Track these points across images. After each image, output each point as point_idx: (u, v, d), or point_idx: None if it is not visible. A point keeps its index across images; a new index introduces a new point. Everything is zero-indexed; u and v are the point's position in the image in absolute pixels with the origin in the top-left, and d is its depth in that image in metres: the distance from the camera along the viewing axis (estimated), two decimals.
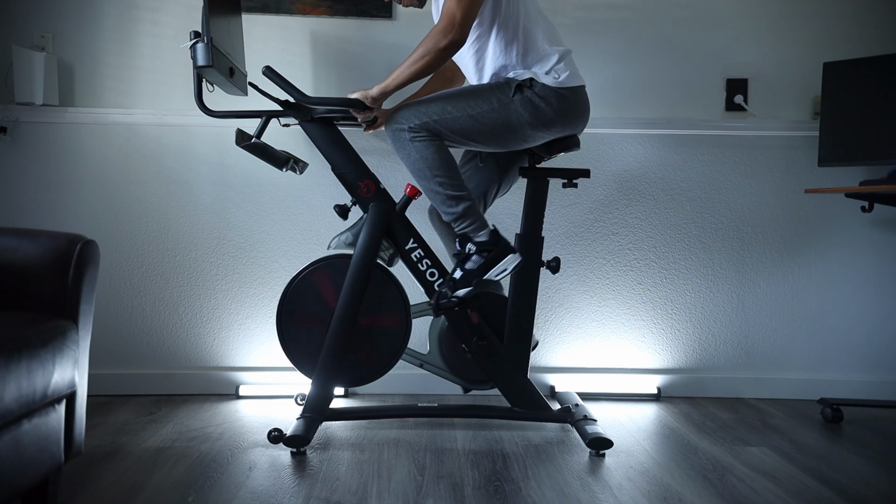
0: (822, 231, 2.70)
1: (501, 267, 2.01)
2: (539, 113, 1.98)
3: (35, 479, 1.43)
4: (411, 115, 1.98)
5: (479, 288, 2.02)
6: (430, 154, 1.98)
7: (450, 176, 1.99)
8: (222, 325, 2.62)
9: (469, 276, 2.02)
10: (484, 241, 2.01)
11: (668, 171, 2.68)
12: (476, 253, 2.01)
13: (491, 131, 2.00)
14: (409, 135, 1.97)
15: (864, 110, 2.38)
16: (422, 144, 1.97)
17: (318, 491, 1.74)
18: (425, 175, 1.99)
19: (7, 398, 1.29)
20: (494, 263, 2.01)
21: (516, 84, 1.97)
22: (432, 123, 1.97)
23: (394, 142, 2.02)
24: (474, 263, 2.02)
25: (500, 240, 2.03)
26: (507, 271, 2.02)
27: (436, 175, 1.98)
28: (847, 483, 1.85)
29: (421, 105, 2.00)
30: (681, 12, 2.66)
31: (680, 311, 2.70)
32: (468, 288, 2.01)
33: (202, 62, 1.91)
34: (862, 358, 2.71)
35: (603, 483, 1.83)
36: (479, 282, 2.01)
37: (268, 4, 2.54)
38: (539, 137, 2.05)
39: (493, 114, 1.97)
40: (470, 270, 2.02)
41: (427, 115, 1.97)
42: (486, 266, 2.01)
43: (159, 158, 2.56)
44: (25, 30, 2.50)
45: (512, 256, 2.02)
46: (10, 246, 1.59)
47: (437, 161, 1.98)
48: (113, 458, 1.93)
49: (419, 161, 1.98)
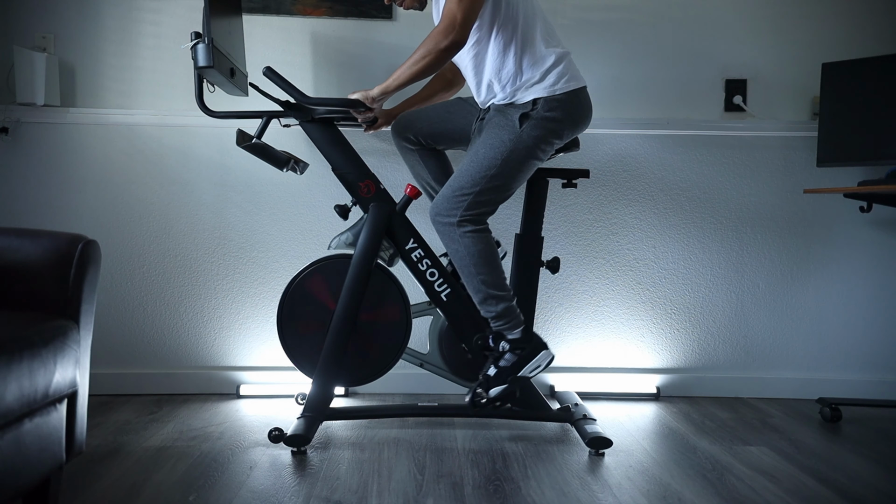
0: (820, 231, 2.71)
1: (535, 364, 2.03)
2: (549, 126, 1.99)
3: (36, 478, 1.43)
4: (451, 206, 1.98)
5: (514, 385, 2.03)
6: (478, 250, 1.98)
7: (493, 274, 2.00)
8: (223, 325, 2.62)
9: (503, 374, 2.03)
10: (517, 339, 2.03)
11: (667, 172, 2.68)
12: (510, 351, 2.03)
13: (519, 170, 2.00)
14: (459, 231, 1.98)
15: (863, 111, 2.39)
16: (469, 240, 1.98)
17: (318, 490, 1.74)
18: (470, 273, 2.00)
19: (8, 398, 1.29)
20: (528, 360, 2.03)
21: (519, 115, 1.98)
22: (473, 204, 1.97)
23: (442, 236, 2.02)
24: (507, 361, 2.03)
25: (533, 337, 2.05)
26: (541, 368, 2.04)
27: (480, 273, 1.99)
28: (846, 482, 1.86)
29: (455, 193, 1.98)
30: (680, 13, 2.66)
31: (679, 310, 2.71)
32: (503, 385, 2.03)
33: (203, 63, 1.92)
34: (860, 358, 2.72)
35: (602, 482, 1.83)
36: (514, 379, 2.03)
37: (268, 5, 2.55)
38: (555, 145, 2.06)
39: (512, 154, 1.97)
40: (504, 368, 2.03)
41: (463, 200, 1.97)
42: (519, 364, 2.03)
43: (160, 159, 2.57)
44: (27, 30, 2.50)
45: (545, 353, 2.04)
46: (11, 246, 1.59)
47: (484, 258, 1.99)
48: (114, 458, 1.94)
49: (466, 258, 1.99)
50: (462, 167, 2.01)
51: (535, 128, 1.98)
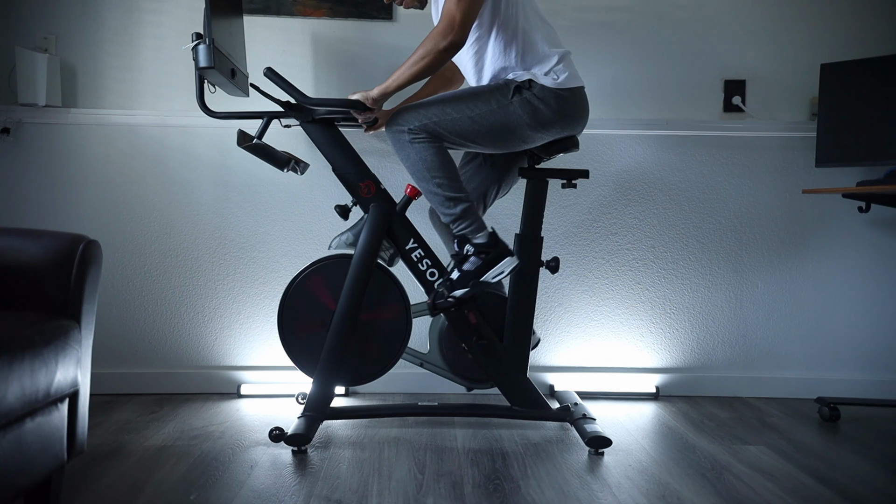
0: (819, 231, 2.71)
1: (499, 269, 2.03)
2: (537, 114, 1.99)
3: (38, 477, 1.44)
4: (411, 117, 2.00)
5: (476, 289, 2.04)
6: (430, 156, 1.99)
7: (448, 177, 2.01)
8: (224, 325, 2.63)
9: (466, 278, 2.03)
10: (482, 243, 2.03)
11: (666, 172, 2.69)
12: (474, 255, 2.03)
13: (490, 132, 2.01)
14: (409, 136, 1.99)
15: (861, 111, 2.39)
16: (421, 146, 1.99)
17: (319, 489, 1.75)
18: (424, 176, 2.01)
19: (10, 397, 1.29)
20: (492, 265, 2.03)
21: (515, 85, 1.98)
22: (431, 125, 1.99)
23: (394, 143, 2.03)
24: (472, 265, 2.03)
25: (498, 242, 2.05)
26: (504, 273, 2.04)
27: (434, 176, 2.00)
28: (844, 481, 1.86)
29: (421, 107, 2.02)
30: (679, 14, 2.67)
31: (678, 310, 2.72)
32: (465, 289, 2.03)
33: (204, 63, 1.92)
34: (859, 357, 2.72)
35: (602, 481, 1.84)
36: (476, 283, 2.03)
37: (269, 6, 2.56)
38: (538, 138, 2.06)
39: (491, 115, 1.99)
40: (467, 272, 2.04)
41: (427, 117, 1.99)
42: (483, 268, 2.03)
43: (161, 159, 2.58)
44: (28, 31, 2.51)
45: (509, 259, 2.04)
46: (13, 246, 1.59)
47: (436, 163, 2.00)
48: (115, 457, 1.94)
49: (418, 162, 2.00)
50: (442, 97, 2.03)
51: (522, 106, 1.98)
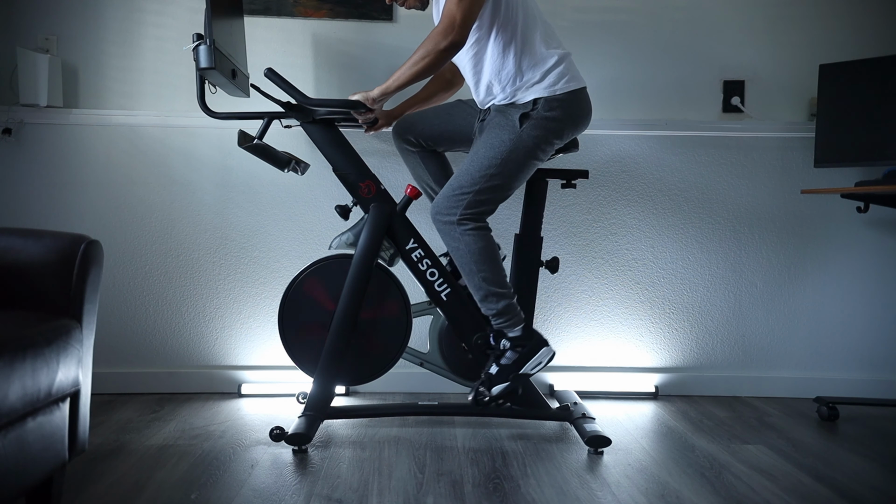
0: (817, 231, 2.72)
1: (536, 361, 2.04)
2: (550, 126, 2.00)
3: (39, 476, 1.44)
4: (451, 205, 1.99)
5: (516, 383, 2.04)
6: (479, 248, 1.99)
7: (494, 272, 2.01)
8: (225, 325, 2.63)
9: (506, 372, 2.04)
10: (518, 337, 2.04)
11: (665, 172, 2.70)
12: (511, 349, 2.04)
13: (520, 169, 2.01)
14: (459, 229, 1.99)
15: (860, 112, 2.40)
16: (470, 237, 1.99)
17: (319, 488, 1.75)
18: (471, 270, 2.01)
19: (12, 397, 1.30)
20: (529, 357, 2.04)
21: (519, 115, 1.99)
22: (473, 203, 1.98)
23: (443, 236, 2.03)
24: (509, 359, 2.04)
25: (534, 334, 2.06)
26: (542, 365, 2.05)
27: (481, 270, 2.00)
28: (843, 480, 1.87)
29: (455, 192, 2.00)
30: (678, 15, 2.68)
31: (677, 310, 2.72)
32: (505, 383, 2.04)
33: (205, 64, 1.93)
34: (857, 357, 2.73)
35: (601, 481, 1.84)
36: (515, 377, 2.04)
37: (269, 7, 2.56)
38: (556, 145, 2.07)
39: (512, 154, 1.98)
40: (506, 366, 2.04)
41: (463, 198, 1.98)
42: (521, 361, 2.04)
43: (162, 159, 2.58)
44: (30, 32, 2.51)
45: (546, 349, 2.05)
46: (14, 246, 1.60)
47: (484, 255, 2.00)
48: (116, 456, 1.94)
49: (467, 255, 2.00)
50: (463, 166, 2.02)
51: (535, 128, 1.99)
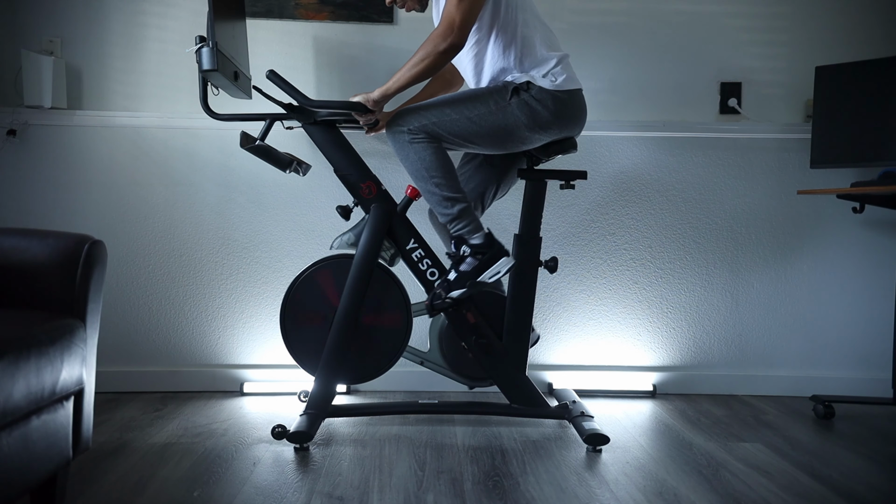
0: (814, 231, 2.73)
1: (495, 269, 2.05)
2: (535, 115, 2.01)
3: (44, 474, 1.45)
4: (411, 118, 2.02)
5: (473, 289, 2.06)
6: (428, 156, 2.02)
7: (446, 178, 2.03)
8: (227, 324, 2.65)
9: (463, 278, 2.06)
10: (478, 244, 2.05)
11: (663, 173, 2.71)
12: (470, 255, 2.05)
13: (488, 134, 2.03)
14: (409, 136, 2.02)
15: (856, 113, 2.41)
16: (420, 146, 2.02)
17: (320, 486, 1.76)
18: (423, 176, 2.03)
19: (16, 395, 1.30)
20: (488, 266, 2.05)
21: (513, 87, 2.01)
22: (431, 126, 2.01)
23: (394, 144, 2.06)
24: (468, 265, 2.06)
25: (494, 243, 2.07)
26: (501, 273, 2.06)
27: (433, 177, 2.02)
28: (839, 478, 1.88)
29: (421, 109, 2.04)
30: (676, 17, 2.69)
31: (675, 309, 2.74)
32: (462, 289, 2.05)
33: (207, 66, 1.94)
34: (853, 355, 2.74)
35: (600, 478, 1.85)
36: (472, 283, 2.05)
37: (271, 9, 2.58)
38: (536, 139, 2.08)
39: (490, 116, 2.01)
40: (464, 272, 2.06)
41: (426, 118, 2.01)
42: (480, 268, 2.05)
43: (165, 160, 2.60)
44: (34, 34, 2.53)
45: (505, 259, 2.06)
46: (19, 246, 1.60)
47: (435, 163, 2.02)
48: (120, 454, 1.96)
49: (417, 162, 2.02)
50: (441, 99, 2.05)
51: (520, 107, 2.00)
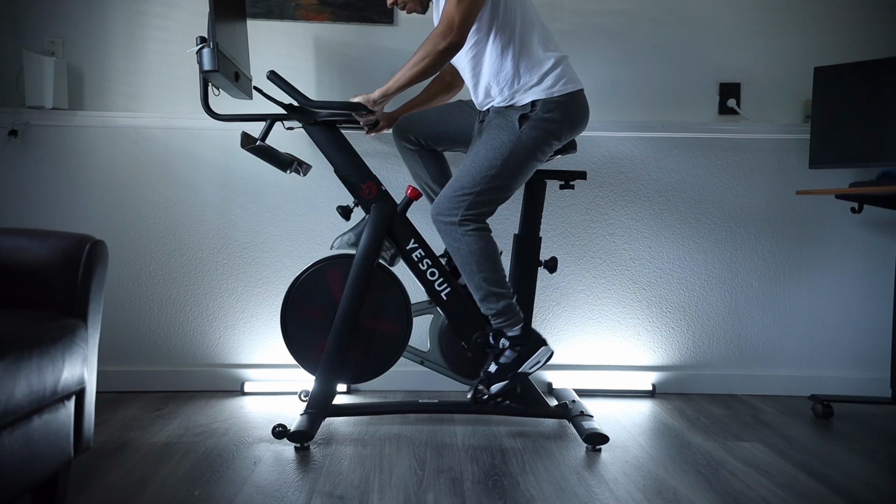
0: (812, 231, 2.74)
1: (535, 360, 2.06)
2: (549, 128, 2.02)
3: (45, 473, 1.45)
4: (453, 207, 2.00)
5: (514, 381, 2.06)
6: (479, 249, 2.01)
7: (494, 272, 2.03)
8: (228, 324, 2.66)
9: (504, 371, 2.06)
10: (517, 336, 2.06)
11: (662, 173, 2.72)
12: (510, 347, 2.06)
13: (518, 168, 2.02)
14: (462, 229, 2.00)
15: (854, 114, 2.41)
16: (472, 238, 2.00)
17: (321, 485, 1.77)
18: (472, 270, 2.03)
19: (18, 394, 1.30)
20: (528, 357, 2.06)
21: (518, 116, 2.01)
22: (474, 202, 2.00)
23: (445, 237, 2.04)
24: (507, 358, 2.06)
25: (532, 333, 2.08)
26: (541, 364, 2.07)
27: (482, 270, 2.02)
28: (837, 477, 1.89)
29: (455, 193, 2.01)
30: (675, 18, 2.69)
31: (674, 309, 2.74)
32: (504, 381, 2.05)
33: (208, 67, 1.94)
34: (852, 355, 2.75)
35: (599, 477, 1.86)
36: (514, 375, 2.05)
37: (272, 10, 2.59)
38: (554, 147, 2.09)
39: (512, 156, 2.00)
40: (504, 365, 2.06)
41: (465, 198, 2.00)
42: (519, 360, 2.06)
43: (166, 161, 2.60)
44: (36, 35, 2.53)
45: (544, 349, 2.07)
46: (21, 246, 1.61)
47: (485, 256, 2.01)
48: (121, 453, 1.96)
49: (469, 256, 2.02)
50: (463, 167, 2.04)
51: (533, 129, 2.01)
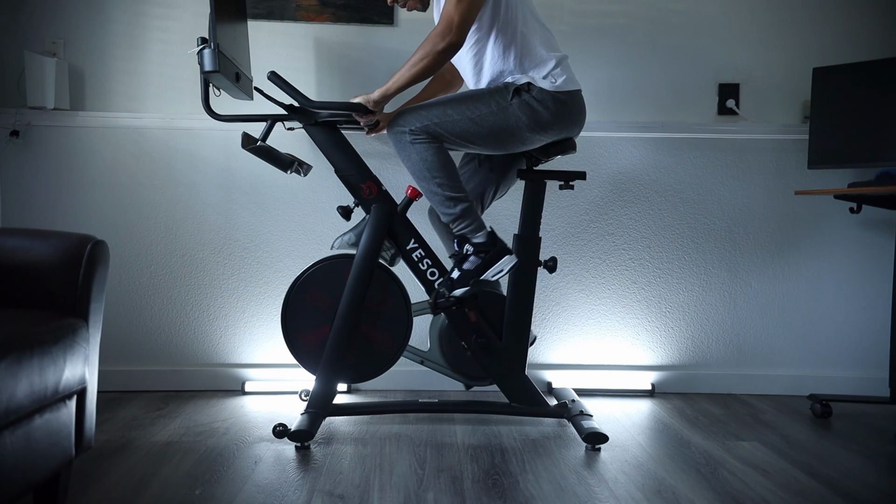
0: (811, 232, 2.74)
1: (498, 268, 2.06)
2: (536, 116, 2.03)
3: (47, 472, 1.45)
4: (412, 119, 2.03)
5: (476, 288, 2.07)
6: (430, 156, 2.03)
7: (448, 178, 2.04)
8: (228, 323, 2.66)
9: (466, 277, 2.07)
10: (481, 243, 2.06)
11: (661, 174, 2.73)
12: (473, 254, 2.06)
13: (490, 134, 2.05)
14: (410, 137, 2.03)
15: (853, 114, 2.42)
16: (422, 146, 2.03)
17: (321, 484, 1.77)
18: (425, 176, 2.04)
19: (19, 394, 1.31)
20: (491, 264, 2.06)
21: (514, 88, 2.02)
22: (432, 126, 2.02)
23: (395, 144, 2.07)
24: (471, 264, 2.07)
25: (497, 241, 2.08)
26: (504, 272, 2.07)
27: (435, 177, 2.03)
28: (835, 476, 1.89)
29: (422, 109, 2.05)
30: (674, 19, 2.70)
31: (673, 309, 2.75)
32: (465, 287, 2.06)
33: (209, 67, 1.95)
34: (850, 355, 2.75)
35: (598, 476, 1.86)
36: (476, 282, 2.06)
37: (273, 11, 2.59)
38: (537, 140, 2.09)
39: (491, 117, 2.02)
40: (467, 271, 2.07)
41: (427, 119, 2.03)
42: (483, 267, 2.06)
43: (167, 161, 2.61)
44: (37, 36, 2.54)
45: (508, 258, 2.07)
46: (22, 246, 1.61)
47: (437, 163, 2.03)
48: (122, 453, 1.97)
49: (419, 163, 2.03)
50: (442, 99, 2.06)
51: (520, 108, 2.01)
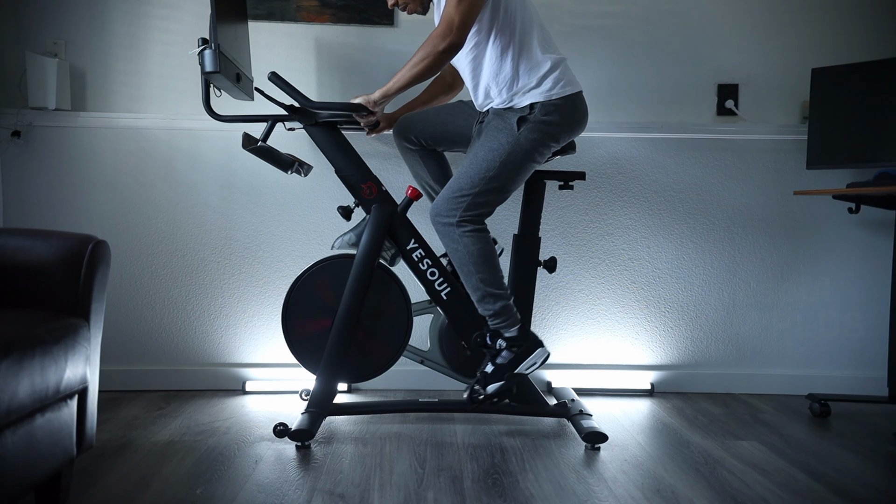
0: (810, 232, 2.75)
1: (531, 361, 2.06)
2: (548, 130, 2.03)
3: (48, 471, 1.46)
4: (450, 207, 2.02)
5: (510, 382, 2.07)
6: (476, 250, 2.02)
7: (491, 273, 2.04)
8: (229, 323, 2.67)
9: (500, 371, 2.06)
10: (514, 337, 2.06)
11: (661, 174, 2.73)
12: (507, 348, 2.06)
13: (517, 169, 2.03)
14: (459, 230, 2.01)
15: (851, 114, 2.42)
16: (469, 239, 2.01)
17: (322, 483, 1.78)
18: (469, 271, 2.04)
19: (21, 394, 1.32)
20: (524, 358, 2.06)
21: (517, 118, 2.02)
22: (472, 204, 2.01)
23: (443, 237, 2.05)
24: (504, 358, 2.06)
25: (529, 335, 2.08)
26: (537, 365, 2.08)
27: (479, 272, 2.03)
28: (834, 475, 1.90)
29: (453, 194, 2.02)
30: (673, 20, 2.71)
31: (672, 309, 2.76)
32: (500, 382, 2.06)
33: (210, 68, 1.95)
34: (849, 354, 2.76)
35: (598, 476, 1.87)
36: (510, 376, 2.06)
37: (273, 12, 2.60)
38: (552, 149, 2.10)
39: (511, 156, 2.01)
40: (501, 365, 2.06)
41: (462, 199, 2.01)
42: (516, 361, 2.06)
43: (168, 161, 2.62)
44: (38, 37, 2.55)
45: (541, 350, 2.08)
46: (23, 246, 1.61)
47: (482, 257, 2.02)
48: (123, 452, 1.97)
49: (466, 257, 2.02)
50: (462, 169, 2.05)
51: (532, 131, 2.02)
